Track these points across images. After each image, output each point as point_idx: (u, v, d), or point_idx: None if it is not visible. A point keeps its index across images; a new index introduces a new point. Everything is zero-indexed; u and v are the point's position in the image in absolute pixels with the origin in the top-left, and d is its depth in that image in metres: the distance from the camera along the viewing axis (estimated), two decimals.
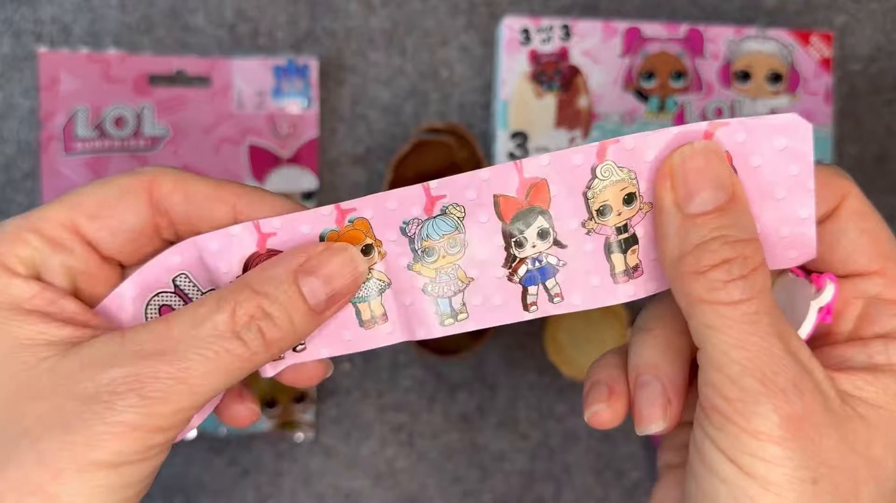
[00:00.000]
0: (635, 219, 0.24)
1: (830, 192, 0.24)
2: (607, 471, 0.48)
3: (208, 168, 0.45)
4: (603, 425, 0.25)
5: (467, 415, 0.48)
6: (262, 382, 0.46)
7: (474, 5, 0.48)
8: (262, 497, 0.47)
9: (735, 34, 0.47)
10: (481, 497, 0.48)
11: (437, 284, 0.25)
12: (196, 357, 0.23)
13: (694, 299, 0.22)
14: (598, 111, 0.47)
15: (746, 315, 0.22)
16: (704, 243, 0.22)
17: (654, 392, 0.24)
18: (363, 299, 0.25)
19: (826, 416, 0.22)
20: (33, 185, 0.45)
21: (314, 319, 0.24)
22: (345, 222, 0.25)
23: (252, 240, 0.25)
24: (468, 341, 0.46)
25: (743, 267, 0.22)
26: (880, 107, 0.50)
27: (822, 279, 0.24)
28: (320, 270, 0.24)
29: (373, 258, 0.25)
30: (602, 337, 0.46)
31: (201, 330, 0.23)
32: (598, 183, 0.24)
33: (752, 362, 0.21)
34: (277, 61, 0.46)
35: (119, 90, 0.45)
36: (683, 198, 0.23)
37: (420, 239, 0.25)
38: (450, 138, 0.45)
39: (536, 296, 0.25)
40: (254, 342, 0.23)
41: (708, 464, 0.22)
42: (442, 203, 0.24)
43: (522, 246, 0.25)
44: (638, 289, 0.25)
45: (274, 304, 0.23)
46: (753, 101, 0.47)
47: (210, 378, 0.23)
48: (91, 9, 0.46)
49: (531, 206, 0.24)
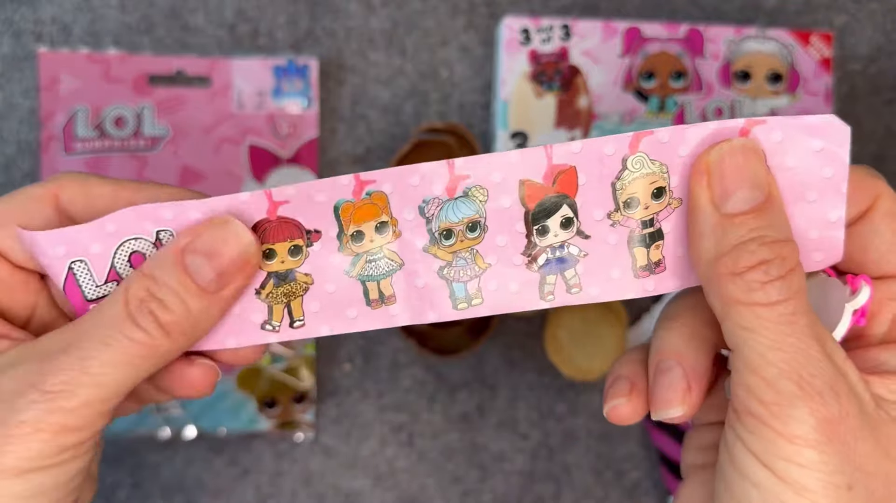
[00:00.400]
0: (662, 213, 0.24)
1: (863, 193, 0.24)
2: (607, 471, 0.48)
3: (208, 168, 0.45)
4: (622, 420, 0.24)
5: (467, 415, 0.48)
6: (262, 383, 0.46)
7: (474, 5, 0.48)
8: (262, 497, 0.47)
9: (735, 34, 0.47)
10: (481, 497, 0.48)
11: (454, 268, 0.24)
12: (97, 346, 0.22)
13: (730, 300, 0.22)
14: (598, 111, 0.47)
15: (783, 316, 0.21)
16: (742, 244, 0.22)
17: (675, 377, 0.23)
18: (371, 278, 0.25)
19: (861, 420, 0.21)
20: None
21: (210, 300, 0.23)
22: (362, 194, 0.24)
23: (262, 207, 0.24)
24: (468, 341, 0.46)
25: (780, 268, 0.21)
26: (880, 107, 0.50)
27: (857, 281, 0.24)
28: (203, 247, 0.23)
29: (386, 236, 0.24)
30: (602, 336, 0.46)
31: (101, 318, 0.23)
32: (627, 174, 0.23)
33: (788, 364, 0.21)
34: (277, 61, 0.46)
35: (119, 90, 0.45)
36: (720, 196, 0.22)
37: (438, 221, 0.24)
38: (450, 138, 0.45)
39: (554, 285, 0.24)
40: (150, 327, 0.22)
41: (740, 468, 0.22)
42: (465, 184, 0.24)
43: (545, 234, 0.24)
44: (658, 285, 0.24)
45: (162, 288, 0.23)
46: (753, 101, 0.47)
47: (113, 368, 0.22)
48: (91, 9, 0.46)
49: (558, 193, 0.24)
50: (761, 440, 0.21)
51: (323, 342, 0.47)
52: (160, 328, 0.23)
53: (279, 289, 0.25)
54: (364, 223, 0.24)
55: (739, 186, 0.22)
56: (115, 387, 0.22)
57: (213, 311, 0.24)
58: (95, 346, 0.22)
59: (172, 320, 0.23)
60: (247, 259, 0.24)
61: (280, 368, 0.46)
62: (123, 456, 0.46)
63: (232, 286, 0.24)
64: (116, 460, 0.46)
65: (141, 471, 0.46)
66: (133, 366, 0.23)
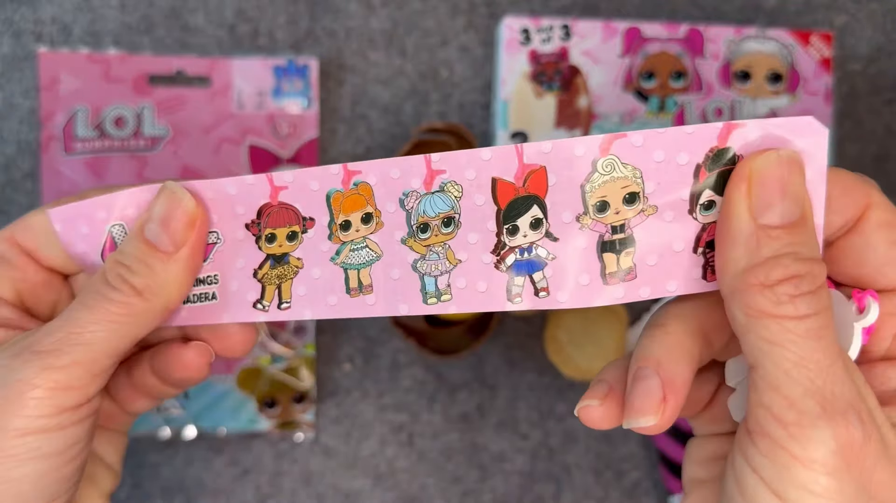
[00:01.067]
0: (635, 220, 0.23)
1: (851, 201, 0.23)
2: (607, 471, 0.48)
3: (208, 168, 0.45)
4: (592, 422, 0.24)
5: (467, 415, 0.48)
6: (262, 383, 0.46)
7: (474, 5, 0.48)
8: (262, 497, 0.47)
9: (735, 34, 0.47)
10: (481, 497, 0.48)
11: (427, 262, 0.25)
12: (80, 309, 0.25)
13: (757, 312, 0.21)
14: (598, 111, 0.47)
15: (812, 331, 0.20)
16: (776, 257, 0.21)
17: (652, 386, 0.22)
18: (352, 266, 0.26)
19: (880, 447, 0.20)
20: (33, 185, 0.45)
21: (171, 260, 0.26)
22: (350, 184, 0.25)
23: (265, 191, 0.26)
24: (468, 341, 0.46)
25: (811, 283, 0.21)
26: (880, 107, 0.50)
27: (863, 297, 0.23)
28: (157, 216, 0.26)
29: (370, 226, 0.25)
30: (602, 337, 0.46)
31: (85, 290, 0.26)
32: (597, 177, 0.23)
33: (813, 382, 0.20)
34: (277, 61, 0.46)
35: (119, 90, 0.45)
36: (759, 206, 0.22)
37: (416, 214, 0.25)
38: (450, 138, 0.45)
39: (522, 287, 0.24)
40: (123, 287, 0.25)
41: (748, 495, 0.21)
42: (441, 179, 0.24)
43: (514, 234, 0.24)
44: (628, 293, 0.24)
45: (128, 257, 0.26)
46: (753, 101, 0.47)
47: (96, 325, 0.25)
48: (91, 9, 0.46)
49: (528, 193, 0.24)
50: (774, 465, 0.20)
51: (323, 342, 0.47)
52: (132, 289, 0.25)
53: (274, 270, 0.27)
54: (352, 213, 0.25)
55: (781, 200, 0.21)
56: (103, 346, 0.25)
57: (176, 271, 0.26)
58: (79, 309, 0.25)
59: (141, 282, 0.25)
60: (192, 219, 0.26)
61: (280, 368, 0.46)
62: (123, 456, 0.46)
63: (187, 246, 0.26)
64: None
65: (141, 471, 0.46)
66: (115, 324, 0.25)
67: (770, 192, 0.22)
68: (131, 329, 0.25)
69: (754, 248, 0.21)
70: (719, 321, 0.24)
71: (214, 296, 0.27)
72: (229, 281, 0.27)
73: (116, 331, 0.25)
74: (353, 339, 0.47)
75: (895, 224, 0.23)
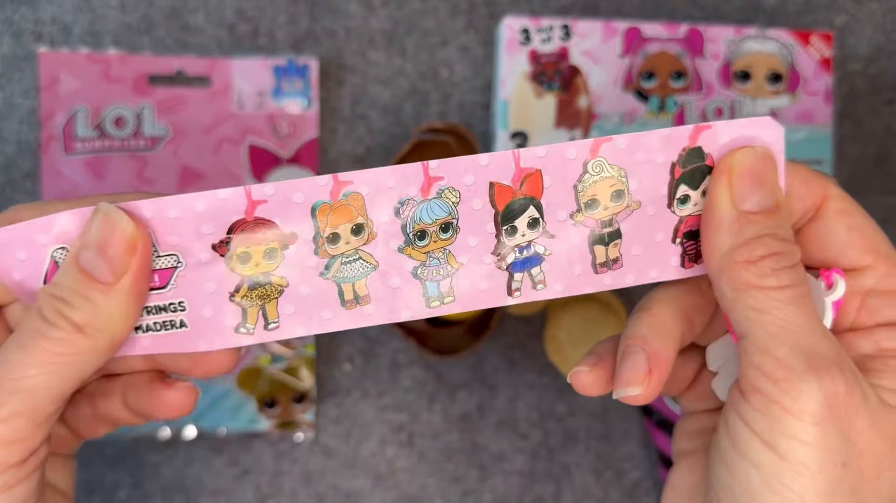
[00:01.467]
0: (621, 215, 0.25)
1: (810, 191, 0.25)
2: (607, 471, 0.48)
3: (208, 168, 0.45)
4: (582, 388, 0.26)
5: (467, 415, 0.48)
6: (262, 383, 0.46)
7: (474, 5, 0.48)
8: (262, 497, 0.47)
9: (735, 34, 0.47)
10: (481, 497, 0.48)
11: (427, 268, 0.25)
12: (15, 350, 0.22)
13: (743, 285, 0.23)
14: (598, 111, 0.47)
15: (793, 299, 0.23)
16: (758, 238, 0.23)
17: (638, 360, 0.25)
18: (346, 279, 0.25)
19: (861, 398, 0.22)
20: (33, 185, 0.45)
21: (112, 291, 0.23)
22: (339, 195, 0.24)
23: (241, 205, 0.24)
24: (468, 341, 0.46)
25: (790, 259, 0.23)
26: (880, 107, 0.50)
27: (829, 275, 0.25)
28: (92, 242, 0.23)
29: (362, 238, 0.25)
30: (602, 337, 0.46)
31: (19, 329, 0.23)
32: (588, 177, 0.25)
33: (798, 343, 0.22)
34: (277, 61, 0.46)
35: (119, 90, 0.45)
36: (739, 196, 0.24)
37: (413, 222, 0.25)
38: (450, 138, 0.45)
39: (521, 282, 0.26)
40: (62, 324, 0.22)
41: (741, 449, 0.23)
42: (439, 185, 0.25)
43: (513, 234, 0.25)
44: (615, 280, 0.26)
45: (65, 290, 0.23)
46: (753, 101, 0.47)
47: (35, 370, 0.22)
48: (91, 9, 0.46)
49: (525, 195, 0.25)
50: (766, 417, 0.22)
51: (323, 342, 0.47)
52: (72, 325, 0.23)
53: (254, 291, 0.25)
54: (340, 225, 0.25)
55: (758, 189, 0.24)
56: (46, 392, 0.22)
57: (119, 303, 0.23)
58: (14, 351, 0.22)
59: (82, 317, 0.23)
60: (132, 244, 0.23)
61: (280, 368, 0.46)
62: (123, 456, 0.46)
63: (128, 274, 0.23)
64: (116, 460, 0.46)
65: (141, 471, 0.46)
66: (56, 366, 0.22)
67: (748, 183, 0.24)
68: (75, 369, 0.23)
69: (737, 231, 0.24)
70: (700, 304, 0.26)
71: (184, 324, 0.25)
72: (200, 307, 0.25)
73: (58, 373, 0.22)
74: (353, 339, 0.47)
75: (851, 212, 0.25)
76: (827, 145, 0.48)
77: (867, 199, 0.49)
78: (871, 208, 0.27)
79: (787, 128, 0.47)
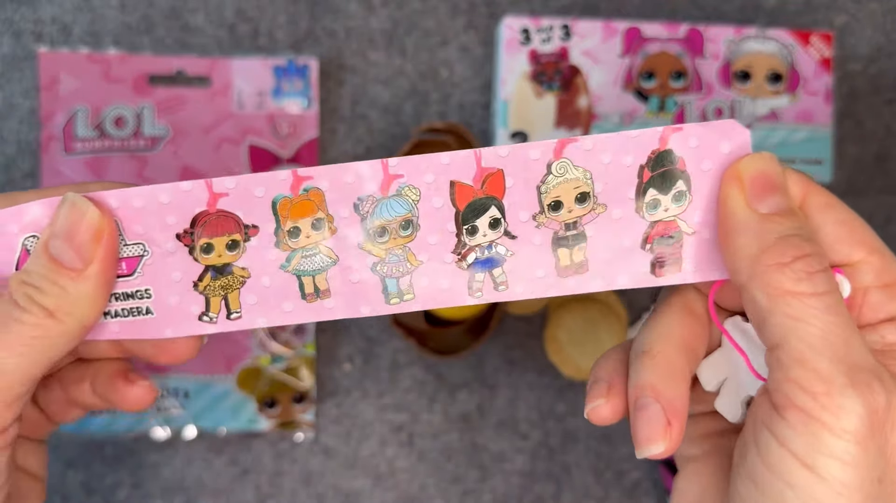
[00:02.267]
0: (587, 217, 0.25)
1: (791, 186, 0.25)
2: (607, 471, 0.48)
3: (208, 168, 0.45)
4: (602, 421, 0.25)
5: (467, 415, 0.48)
6: (262, 383, 0.46)
7: (474, 5, 0.48)
8: (262, 497, 0.47)
9: (735, 34, 0.47)
10: (481, 497, 0.48)
11: (387, 265, 0.25)
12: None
13: (780, 291, 0.22)
14: (598, 111, 0.47)
15: (831, 307, 0.22)
16: (785, 237, 0.22)
17: (654, 413, 0.23)
18: (307, 272, 0.26)
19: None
20: (33, 185, 0.45)
21: (81, 278, 0.24)
22: (299, 190, 0.25)
23: (202, 198, 0.25)
24: (468, 341, 0.46)
25: (821, 262, 0.22)
26: (880, 107, 0.50)
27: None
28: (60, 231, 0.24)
29: (322, 232, 0.25)
30: (602, 337, 0.46)
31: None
32: (552, 178, 0.25)
33: (837, 354, 0.21)
34: (277, 61, 0.46)
35: (119, 90, 0.45)
36: (755, 198, 0.23)
37: (373, 218, 0.25)
38: (450, 138, 0.45)
39: (482, 282, 0.25)
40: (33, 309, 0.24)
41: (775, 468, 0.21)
42: (399, 183, 0.25)
43: (474, 234, 0.25)
44: (580, 284, 0.25)
45: (35, 276, 0.24)
46: (753, 101, 0.47)
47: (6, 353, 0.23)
48: (91, 9, 0.46)
49: (486, 195, 0.25)
50: (805, 436, 0.21)
51: (323, 342, 0.47)
52: (43, 310, 0.24)
53: (216, 282, 0.26)
54: (301, 219, 0.25)
55: (773, 192, 0.23)
56: (18, 374, 0.23)
57: (88, 288, 0.24)
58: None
59: (53, 302, 0.24)
60: (98, 232, 0.24)
61: (280, 368, 0.46)
62: (123, 456, 0.46)
63: (96, 261, 0.24)
64: (116, 460, 0.46)
65: (141, 471, 0.46)
66: (28, 348, 0.23)
67: (762, 186, 0.23)
68: (45, 353, 0.24)
69: (762, 234, 0.23)
70: (697, 331, 0.25)
71: (150, 311, 0.26)
72: (166, 295, 0.26)
73: (29, 355, 0.23)
74: (353, 339, 0.47)
75: (835, 205, 0.24)
76: (827, 145, 0.48)
77: (867, 199, 0.49)
78: (871, 208, 0.26)
79: (787, 128, 0.48)
